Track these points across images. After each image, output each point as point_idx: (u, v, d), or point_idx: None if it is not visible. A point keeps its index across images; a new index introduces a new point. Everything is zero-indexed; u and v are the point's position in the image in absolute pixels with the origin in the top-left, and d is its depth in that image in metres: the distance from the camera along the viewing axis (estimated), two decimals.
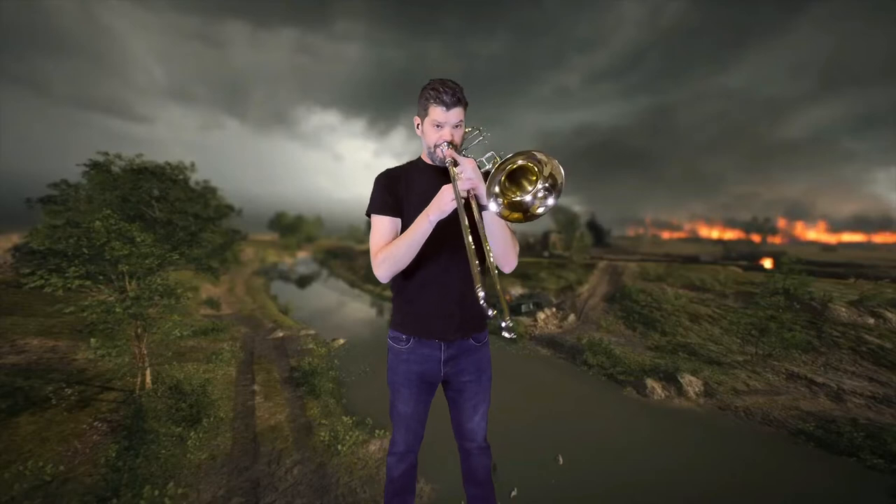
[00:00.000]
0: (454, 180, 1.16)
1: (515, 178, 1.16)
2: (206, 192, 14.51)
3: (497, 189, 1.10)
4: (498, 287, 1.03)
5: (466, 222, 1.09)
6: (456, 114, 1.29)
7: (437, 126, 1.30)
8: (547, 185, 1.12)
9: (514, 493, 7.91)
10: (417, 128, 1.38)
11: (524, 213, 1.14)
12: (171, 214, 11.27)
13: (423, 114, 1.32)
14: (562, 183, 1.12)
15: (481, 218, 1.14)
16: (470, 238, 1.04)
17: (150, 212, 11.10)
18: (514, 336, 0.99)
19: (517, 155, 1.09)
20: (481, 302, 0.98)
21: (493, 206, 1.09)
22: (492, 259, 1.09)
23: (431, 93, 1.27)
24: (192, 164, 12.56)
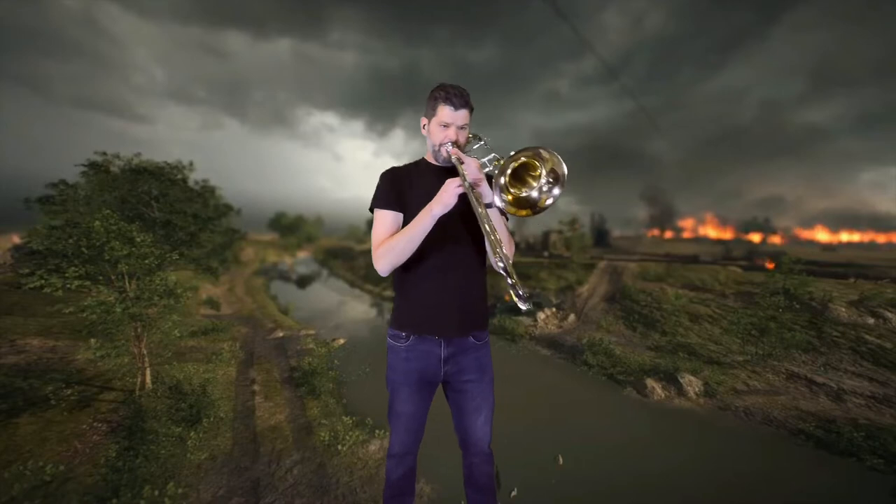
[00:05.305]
0: (462, 176, 1.20)
1: (519, 176, 1.20)
2: (205, 192, 14.50)
3: (503, 182, 1.16)
4: (510, 262, 1.10)
5: (480, 210, 1.14)
6: (463, 115, 1.32)
7: (444, 126, 1.33)
8: (550, 178, 1.16)
9: (513, 494, 7.92)
10: (423, 128, 1.41)
11: (532, 207, 1.21)
12: (170, 214, 11.27)
13: (431, 114, 1.35)
14: (564, 175, 1.18)
15: (486, 212, 1.18)
16: (486, 226, 1.11)
17: (149, 212, 11.10)
18: (530, 307, 1.10)
19: (519, 152, 1.13)
20: (500, 264, 1.09)
21: (497, 202, 1.15)
22: (500, 251, 1.13)
23: (441, 93, 1.31)
24: (191, 164, 12.57)
